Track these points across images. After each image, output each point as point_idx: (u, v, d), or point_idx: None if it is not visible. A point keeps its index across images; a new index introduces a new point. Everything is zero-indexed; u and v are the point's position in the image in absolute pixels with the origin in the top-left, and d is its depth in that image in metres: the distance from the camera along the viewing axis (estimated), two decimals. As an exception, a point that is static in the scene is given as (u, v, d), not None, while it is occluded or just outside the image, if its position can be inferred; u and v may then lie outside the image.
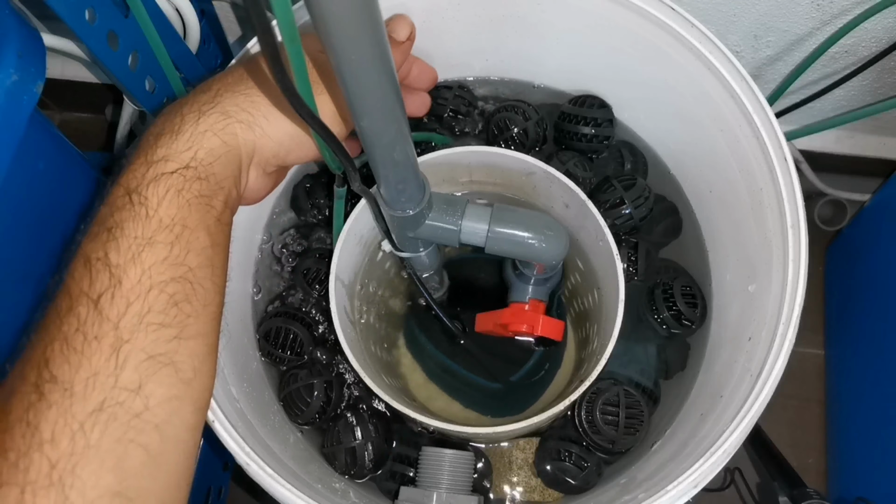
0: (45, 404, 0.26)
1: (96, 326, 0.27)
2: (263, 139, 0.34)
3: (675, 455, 0.42)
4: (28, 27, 0.42)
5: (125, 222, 0.29)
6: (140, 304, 0.28)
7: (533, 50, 0.54)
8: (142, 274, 0.28)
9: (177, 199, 0.30)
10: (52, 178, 0.48)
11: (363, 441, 0.47)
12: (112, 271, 0.28)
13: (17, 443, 0.26)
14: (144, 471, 0.28)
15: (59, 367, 0.27)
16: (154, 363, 0.28)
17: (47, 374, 0.26)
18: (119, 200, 0.30)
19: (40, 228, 0.47)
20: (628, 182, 0.51)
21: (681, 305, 0.49)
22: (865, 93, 0.74)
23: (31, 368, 0.27)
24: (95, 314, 0.27)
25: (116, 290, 0.28)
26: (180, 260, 0.30)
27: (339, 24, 0.23)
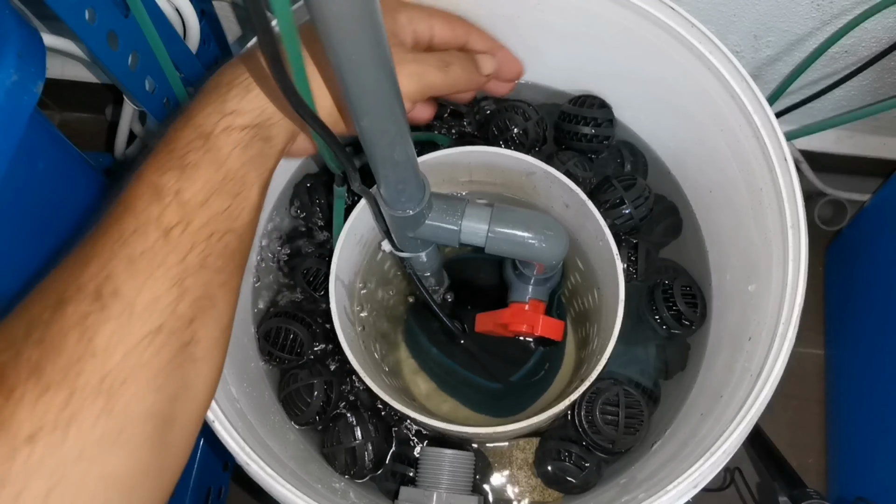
0: (104, 316, 0.27)
1: (163, 255, 0.28)
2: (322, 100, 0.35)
3: (675, 455, 0.42)
4: (28, 27, 0.42)
5: (199, 164, 0.30)
6: (203, 246, 0.30)
7: (533, 50, 0.54)
8: (208, 219, 0.30)
9: (242, 155, 0.31)
10: (52, 178, 0.48)
11: (363, 441, 0.47)
12: (184, 209, 0.29)
13: (70, 348, 0.26)
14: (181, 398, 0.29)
15: (124, 284, 0.27)
16: (205, 302, 0.30)
17: (110, 288, 0.27)
18: (193, 141, 0.31)
19: (40, 228, 0.47)
20: (628, 182, 0.51)
21: (681, 305, 0.49)
22: (865, 93, 0.74)
23: (89, 279, 0.27)
24: (165, 244, 0.29)
25: (186, 227, 0.29)
26: (236, 214, 0.31)
27: (339, 24, 0.23)
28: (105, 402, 0.26)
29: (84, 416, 0.25)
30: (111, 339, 0.27)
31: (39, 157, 0.46)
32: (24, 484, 0.24)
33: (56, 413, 0.25)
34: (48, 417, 0.25)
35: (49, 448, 0.24)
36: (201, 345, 0.30)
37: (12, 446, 0.24)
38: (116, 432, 0.26)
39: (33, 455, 0.24)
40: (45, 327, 0.26)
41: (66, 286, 0.27)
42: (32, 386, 0.25)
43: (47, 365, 0.25)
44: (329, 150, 0.36)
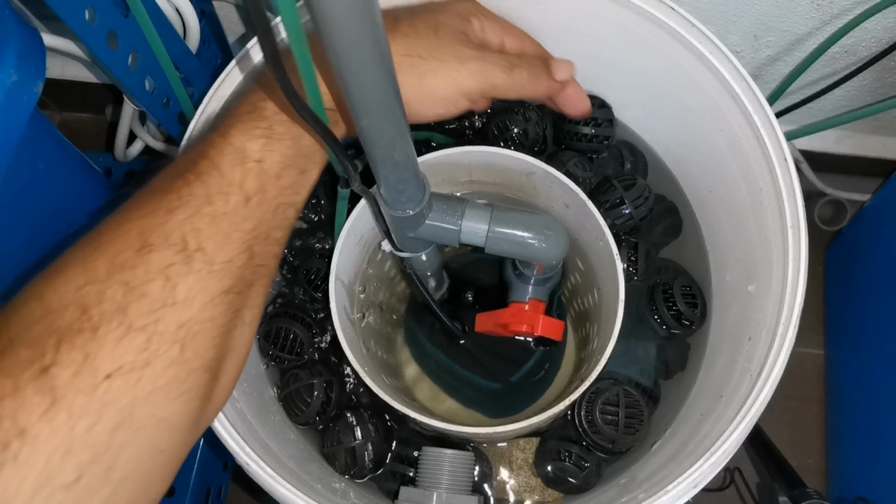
0: (187, 269, 0.28)
1: (240, 219, 0.30)
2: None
3: (675, 455, 0.42)
4: (28, 27, 0.42)
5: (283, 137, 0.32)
6: (271, 218, 0.31)
7: (533, 50, 0.54)
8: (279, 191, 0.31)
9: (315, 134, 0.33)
10: (52, 178, 0.48)
11: (363, 441, 0.47)
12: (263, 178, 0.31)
13: (154, 293, 0.27)
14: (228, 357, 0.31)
15: (207, 241, 0.29)
16: (262, 270, 0.31)
17: (195, 242, 0.28)
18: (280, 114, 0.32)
19: (40, 228, 0.47)
20: (628, 182, 0.51)
21: (681, 305, 0.49)
22: (865, 93, 0.74)
23: (174, 228, 0.28)
24: (244, 209, 0.30)
25: (263, 197, 0.31)
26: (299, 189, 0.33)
27: (340, 24, 0.23)
28: (178, 351, 0.27)
29: (158, 361, 0.27)
30: (191, 291, 0.28)
31: (39, 157, 0.46)
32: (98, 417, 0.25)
33: (135, 355, 0.26)
34: (127, 358, 0.26)
35: (124, 387, 0.26)
36: (251, 311, 0.32)
37: (94, 381, 0.25)
38: (181, 380, 0.27)
39: (110, 391, 0.25)
40: (131, 270, 0.27)
41: (151, 232, 0.28)
42: (116, 325, 0.26)
43: (131, 307, 0.26)
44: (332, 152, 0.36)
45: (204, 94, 0.43)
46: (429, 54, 0.36)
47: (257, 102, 0.32)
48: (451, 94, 0.37)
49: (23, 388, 0.24)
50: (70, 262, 0.28)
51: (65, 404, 0.24)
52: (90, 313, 0.26)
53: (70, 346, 0.25)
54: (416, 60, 0.36)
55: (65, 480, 0.24)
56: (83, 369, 0.25)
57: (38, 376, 0.24)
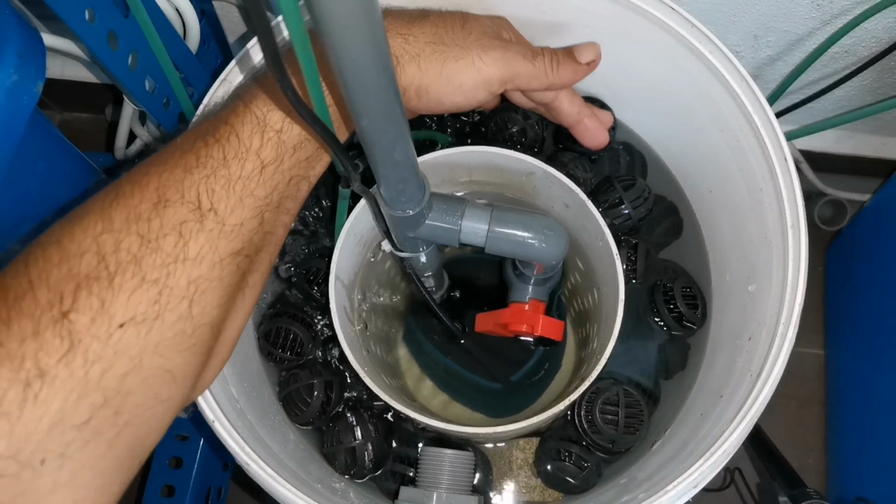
0: (199, 227, 0.29)
1: (254, 185, 0.31)
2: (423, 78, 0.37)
3: (675, 455, 0.42)
4: (28, 27, 0.42)
5: None
6: (283, 188, 0.32)
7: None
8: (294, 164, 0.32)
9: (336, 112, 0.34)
10: (52, 178, 0.48)
11: (363, 441, 0.47)
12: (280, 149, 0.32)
13: (168, 248, 0.28)
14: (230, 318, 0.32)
15: (220, 202, 0.29)
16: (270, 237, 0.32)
17: (208, 202, 0.29)
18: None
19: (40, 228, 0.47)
20: (627, 182, 0.51)
21: (681, 306, 0.49)
22: (865, 93, 0.74)
23: (190, 187, 0.29)
24: (259, 175, 0.31)
25: (278, 167, 0.32)
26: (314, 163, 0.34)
27: (340, 24, 0.23)
28: (187, 306, 0.28)
29: (168, 314, 0.28)
30: (202, 249, 0.29)
31: (39, 157, 0.46)
32: (111, 363, 0.26)
33: (147, 306, 0.27)
34: (140, 309, 0.27)
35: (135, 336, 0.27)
36: (255, 275, 0.33)
37: (108, 328, 0.26)
38: (187, 335, 0.29)
39: (123, 340, 0.26)
40: (147, 223, 0.28)
41: (169, 188, 0.29)
42: (131, 276, 0.27)
43: (145, 259, 0.27)
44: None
45: (204, 94, 0.43)
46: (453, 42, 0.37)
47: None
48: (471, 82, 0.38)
49: (43, 330, 0.25)
50: (88, 211, 0.29)
51: (81, 349, 0.25)
52: (107, 261, 0.27)
53: (88, 292, 0.26)
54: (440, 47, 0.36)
55: (77, 420, 0.25)
56: (99, 316, 0.26)
57: (58, 320, 0.25)
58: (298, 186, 0.33)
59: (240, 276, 0.31)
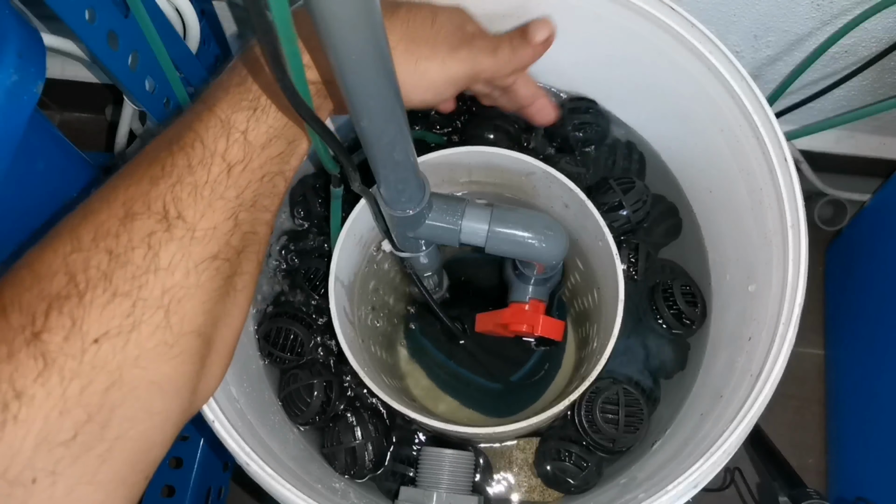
0: (168, 236, 0.29)
1: (223, 188, 0.30)
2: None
3: (675, 455, 0.42)
4: (28, 27, 0.42)
5: (269, 109, 0.32)
6: (257, 186, 0.32)
7: (533, 50, 0.54)
8: (265, 161, 0.32)
9: None
10: (52, 178, 0.48)
11: (363, 441, 0.47)
12: (248, 148, 0.31)
13: (137, 260, 0.28)
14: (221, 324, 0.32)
15: (188, 209, 0.29)
16: (251, 237, 0.32)
17: (175, 210, 0.29)
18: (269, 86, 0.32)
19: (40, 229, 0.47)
20: (627, 185, 0.51)
21: (681, 305, 0.49)
22: (865, 93, 0.74)
23: (156, 198, 0.29)
24: (226, 177, 0.31)
25: (247, 166, 0.31)
26: (287, 158, 0.34)
27: (340, 24, 0.23)
28: (164, 315, 0.28)
29: (144, 325, 0.28)
30: (173, 258, 0.29)
31: (39, 157, 0.46)
32: (90, 379, 0.26)
33: (121, 320, 0.27)
34: (114, 323, 0.27)
35: (113, 350, 0.27)
36: (243, 277, 0.32)
37: (82, 345, 0.26)
38: (169, 344, 0.28)
39: (98, 354, 0.26)
40: (115, 238, 0.28)
41: (135, 201, 0.29)
42: (102, 292, 0.27)
43: (115, 273, 0.27)
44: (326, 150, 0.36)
45: (204, 94, 0.43)
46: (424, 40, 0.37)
47: (246, 76, 0.33)
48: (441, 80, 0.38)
49: (16, 352, 0.25)
50: (59, 232, 0.29)
51: (56, 367, 0.26)
52: (76, 280, 0.27)
53: (59, 312, 0.26)
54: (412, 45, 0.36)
55: (62, 437, 0.25)
56: (72, 334, 0.26)
57: (31, 341, 0.26)
58: (274, 182, 0.33)
59: (222, 280, 0.31)
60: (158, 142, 0.32)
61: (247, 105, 0.32)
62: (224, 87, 0.33)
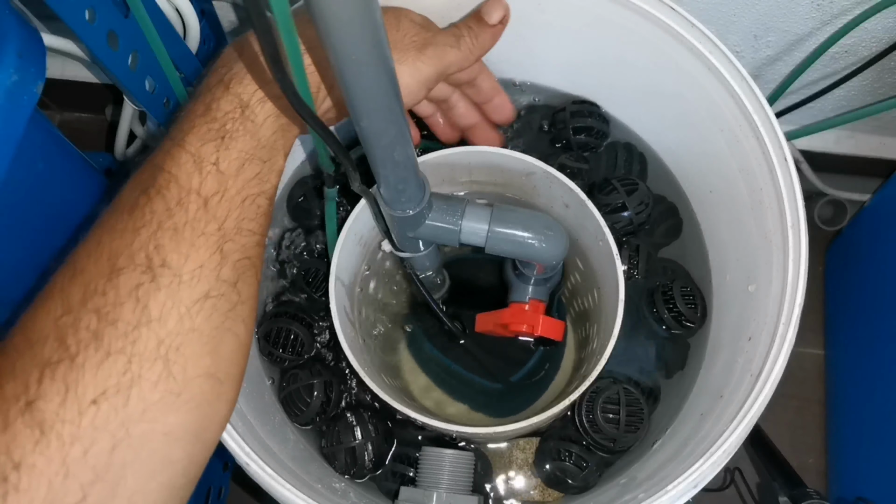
0: (155, 286, 0.28)
1: (203, 223, 0.30)
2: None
3: (676, 455, 0.42)
4: (28, 27, 0.42)
5: (238, 135, 0.32)
6: (238, 212, 0.31)
7: (532, 49, 0.54)
8: (242, 185, 0.32)
9: (274, 124, 0.33)
10: (52, 178, 0.48)
11: (363, 441, 0.47)
12: (222, 178, 0.31)
13: (127, 316, 0.27)
14: (234, 357, 0.31)
15: (171, 254, 0.29)
16: (245, 262, 0.32)
17: (159, 258, 0.29)
18: (233, 112, 0.32)
19: (40, 229, 0.47)
20: (630, 187, 0.51)
21: (681, 306, 0.49)
22: (865, 93, 0.74)
23: (139, 249, 0.29)
24: (205, 213, 0.30)
25: (223, 196, 0.31)
26: (266, 178, 0.33)
27: (340, 24, 0.23)
28: (163, 366, 0.28)
29: (144, 380, 0.27)
30: (164, 307, 0.28)
31: (39, 157, 0.46)
32: (91, 441, 0.26)
33: (118, 378, 0.27)
34: (111, 382, 0.27)
35: (113, 409, 0.26)
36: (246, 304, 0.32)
37: (79, 408, 0.26)
38: (176, 393, 0.28)
39: (98, 415, 0.26)
40: (102, 296, 0.28)
41: (119, 255, 0.29)
42: (93, 353, 0.27)
43: (107, 332, 0.27)
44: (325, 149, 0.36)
45: (204, 94, 0.43)
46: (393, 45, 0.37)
47: (210, 103, 0.32)
48: (415, 84, 0.38)
49: (12, 422, 0.25)
50: (50, 293, 0.29)
51: (54, 434, 0.25)
52: (67, 343, 0.27)
53: (51, 378, 0.26)
54: None
55: (71, 500, 0.25)
56: (68, 399, 0.26)
57: (25, 410, 0.25)
58: (256, 204, 0.33)
59: (221, 316, 0.30)
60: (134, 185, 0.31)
61: (213, 135, 0.31)
62: (190, 119, 0.32)
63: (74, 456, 0.25)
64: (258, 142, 0.32)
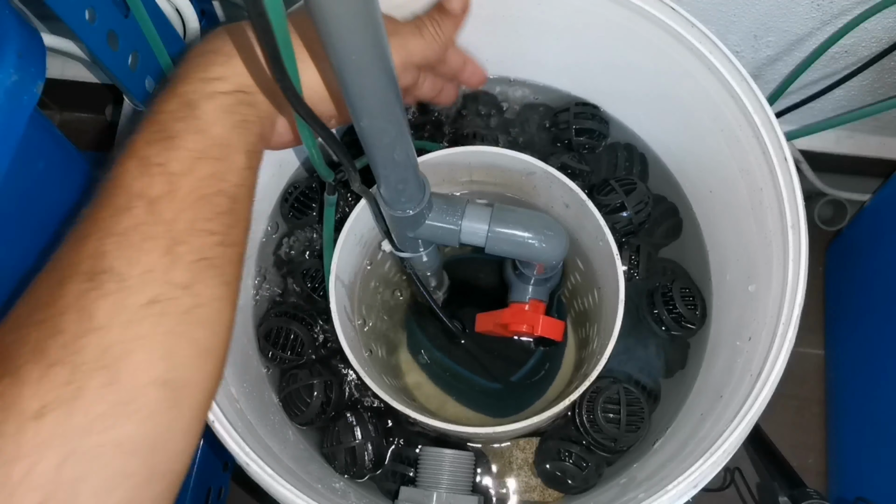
0: (100, 293, 0.27)
1: (151, 227, 0.29)
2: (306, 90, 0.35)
3: (675, 455, 0.42)
4: (28, 27, 0.42)
5: (184, 134, 0.31)
6: (191, 213, 0.30)
7: (533, 50, 0.54)
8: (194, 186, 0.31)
9: (226, 120, 0.32)
10: (52, 178, 0.48)
11: (363, 441, 0.47)
12: (170, 178, 0.30)
13: (70, 326, 0.27)
14: (195, 362, 0.30)
15: (116, 260, 0.28)
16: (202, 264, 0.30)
17: (102, 265, 0.28)
18: (178, 111, 0.31)
19: (40, 228, 0.47)
20: (629, 187, 0.51)
21: (681, 308, 0.49)
22: (865, 93, 0.74)
23: (84, 258, 0.28)
24: (152, 215, 0.29)
25: (173, 197, 0.30)
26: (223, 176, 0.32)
27: (340, 24, 0.23)
28: (108, 375, 0.26)
29: (88, 390, 0.26)
30: (109, 314, 0.27)
31: (39, 157, 0.46)
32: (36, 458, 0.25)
33: (59, 389, 0.26)
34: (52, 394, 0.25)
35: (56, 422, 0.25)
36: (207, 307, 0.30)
37: (20, 423, 0.25)
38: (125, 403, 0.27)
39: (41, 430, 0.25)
40: (46, 308, 0.27)
41: (64, 266, 0.28)
42: (34, 365, 0.26)
43: (48, 344, 0.26)
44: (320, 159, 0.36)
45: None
46: None
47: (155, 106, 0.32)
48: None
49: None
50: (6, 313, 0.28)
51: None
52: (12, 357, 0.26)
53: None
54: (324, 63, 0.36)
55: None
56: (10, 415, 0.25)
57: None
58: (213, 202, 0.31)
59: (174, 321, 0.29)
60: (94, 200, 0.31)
61: (159, 136, 0.31)
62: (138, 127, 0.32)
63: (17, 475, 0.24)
64: (210, 140, 0.31)
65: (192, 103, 0.32)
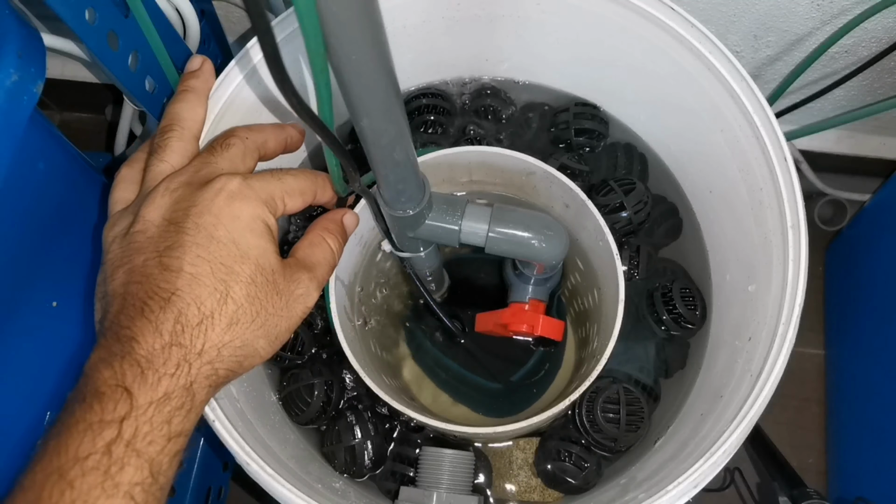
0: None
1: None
2: None
3: (676, 455, 0.42)
4: (28, 27, 0.42)
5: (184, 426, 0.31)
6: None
7: (533, 50, 0.54)
8: (168, 463, 0.30)
9: (210, 393, 0.32)
10: (52, 178, 0.48)
11: (363, 440, 0.47)
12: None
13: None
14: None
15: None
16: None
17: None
18: (177, 410, 0.30)
19: (40, 229, 0.47)
20: (628, 186, 0.51)
21: (680, 308, 0.49)
22: (865, 93, 0.74)
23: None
24: None
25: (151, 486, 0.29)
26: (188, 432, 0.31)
27: (340, 24, 0.23)
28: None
29: None
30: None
31: (39, 157, 0.46)
32: None
33: None
34: None
35: None
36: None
37: None
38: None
39: None
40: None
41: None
42: None
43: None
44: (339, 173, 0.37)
45: (204, 94, 0.43)
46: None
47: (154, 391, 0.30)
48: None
49: None
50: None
51: None
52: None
53: None
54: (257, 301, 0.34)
55: None
56: None
57: None
58: (177, 459, 0.30)
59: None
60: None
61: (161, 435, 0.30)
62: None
63: None
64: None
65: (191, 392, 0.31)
